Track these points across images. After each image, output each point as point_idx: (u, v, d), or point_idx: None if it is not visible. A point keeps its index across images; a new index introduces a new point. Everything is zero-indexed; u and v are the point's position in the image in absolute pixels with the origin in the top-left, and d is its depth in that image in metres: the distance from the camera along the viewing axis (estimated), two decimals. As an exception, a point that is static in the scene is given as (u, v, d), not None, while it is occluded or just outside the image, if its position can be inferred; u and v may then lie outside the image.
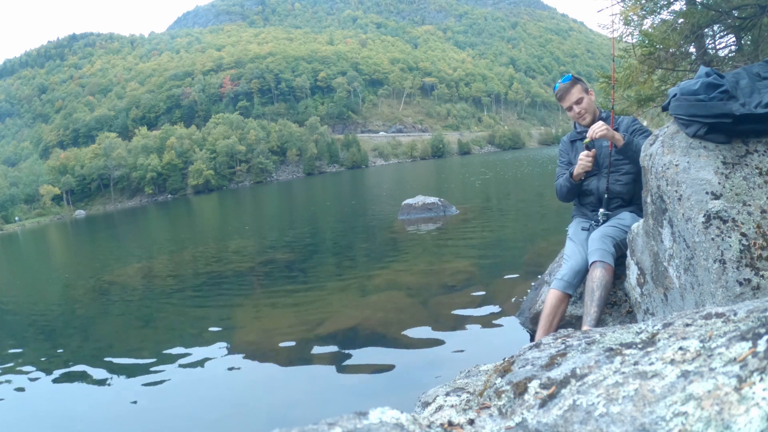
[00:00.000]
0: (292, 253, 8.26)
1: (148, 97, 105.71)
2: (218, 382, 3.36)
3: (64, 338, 5.18)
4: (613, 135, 2.52)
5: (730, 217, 1.63)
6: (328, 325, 4.12)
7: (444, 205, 10.20)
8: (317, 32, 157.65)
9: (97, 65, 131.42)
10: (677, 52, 5.75)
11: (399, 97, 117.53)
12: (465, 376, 1.71)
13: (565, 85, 2.74)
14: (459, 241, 7.23)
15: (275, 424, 1.18)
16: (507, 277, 4.82)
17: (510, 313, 3.74)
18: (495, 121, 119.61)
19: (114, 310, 6.13)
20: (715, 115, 1.70)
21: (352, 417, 0.78)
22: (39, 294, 8.64)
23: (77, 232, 29.36)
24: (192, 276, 7.58)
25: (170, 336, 4.74)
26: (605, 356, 0.97)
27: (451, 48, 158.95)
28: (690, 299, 1.79)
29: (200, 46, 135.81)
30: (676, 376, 0.78)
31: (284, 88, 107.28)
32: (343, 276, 6.10)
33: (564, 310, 2.56)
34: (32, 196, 70.32)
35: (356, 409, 0.82)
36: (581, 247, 2.64)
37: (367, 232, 9.92)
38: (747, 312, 0.91)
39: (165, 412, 3.07)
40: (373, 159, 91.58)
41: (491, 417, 0.99)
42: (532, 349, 1.21)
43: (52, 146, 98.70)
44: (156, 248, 12.67)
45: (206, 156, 77.13)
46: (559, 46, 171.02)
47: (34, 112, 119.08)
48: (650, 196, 2.00)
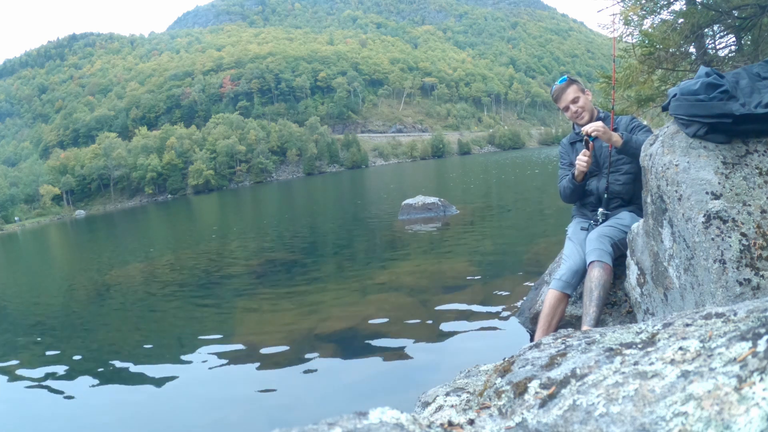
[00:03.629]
0: (292, 253, 8.26)
1: (148, 97, 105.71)
2: (218, 382, 3.36)
3: (64, 338, 5.18)
4: (609, 137, 2.52)
5: (730, 217, 1.63)
6: (328, 325, 4.12)
7: (444, 205, 10.20)
8: (317, 32, 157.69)
9: (97, 65, 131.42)
10: (677, 52, 5.76)
11: (399, 97, 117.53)
12: (465, 376, 1.71)
13: (560, 86, 2.77)
14: (459, 241, 7.23)
15: (275, 424, 1.18)
16: (507, 277, 4.82)
17: (510, 313, 3.74)
18: (495, 121, 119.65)
19: (114, 310, 6.12)
20: (715, 115, 1.70)
21: (352, 417, 0.78)
22: (39, 294, 8.64)
23: (77, 232, 29.35)
24: (192, 276, 7.57)
25: (170, 336, 4.74)
26: (605, 356, 0.97)
27: (451, 48, 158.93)
28: (690, 299, 1.79)
29: (200, 46, 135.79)
30: (676, 376, 0.78)
31: (284, 88, 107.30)
32: (343, 276, 6.10)
33: (563, 310, 2.56)
34: (32, 196, 70.32)
35: (356, 409, 0.82)
36: (580, 247, 2.64)
37: (367, 232, 9.92)
38: (747, 312, 0.91)
39: (165, 412, 3.07)
40: (373, 159, 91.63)
41: (491, 417, 0.99)
42: (532, 349, 1.21)
43: (52, 146, 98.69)
44: (156, 248, 12.67)
45: (206, 156, 77.17)
46: (559, 46, 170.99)
47: (34, 112, 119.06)
48: (650, 196, 2.00)
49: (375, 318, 4.11)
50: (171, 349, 4.18)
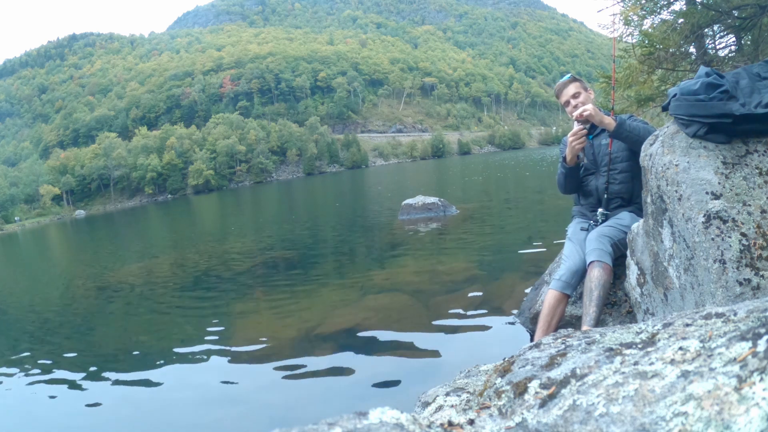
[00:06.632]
0: (291, 253, 8.26)
1: (148, 97, 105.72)
2: (218, 382, 3.35)
3: (64, 338, 5.18)
4: (601, 119, 2.53)
5: (730, 217, 1.63)
6: (328, 324, 4.12)
7: (444, 205, 10.20)
8: (317, 32, 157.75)
9: (97, 65, 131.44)
10: (677, 52, 5.76)
11: (399, 97, 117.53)
12: (465, 376, 1.71)
13: (563, 82, 2.81)
14: (459, 241, 7.23)
15: (275, 424, 1.18)
16: (507, 277, 4.82)
17: (510, 313, 3.74)
18: (495, 121, 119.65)
19: (114, 309, 6.12)
20: (715, 115, 1.70)
21: (352, 417, 0.78)
22: (39, 294, 8.64)
23: (77, 232, 29.35)
24: (192, 276, 7.57)
25: (170, 336, 4.74)
26: (605, 356, 0.97)
27: (451, 48, 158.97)
28: (690, 299, 1.79)
29: (200, 46, 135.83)
30: (676, 376, 0.78)
31: (284, 88, 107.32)
32: (343, 276, 6.10)
33: (563, 310, 2.56)
34: (32, 196, 70.34)
35: (356, 409, 0.82)
36: (579, 248, 2.65)
37: (367, 232, 9.92)
38: (747, 312, 0.91)
39: (165, 411, 3.07)
40: (373, 159, 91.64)
41: (491, 417, 0.99)
42: (532, 349, 1.21)
43: (52, 146, 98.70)
44: (156, 248, 12.66)
45: (206, 156, 77.19)
46: (559, 46, 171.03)
47: (34, 112, 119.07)
48: (650, 196, 2.00)
49: (375, 318, 4.11)
50: (171, 348, 4.18)
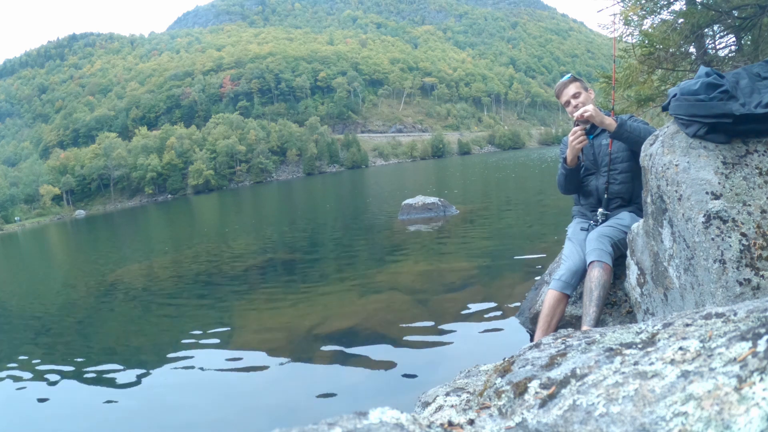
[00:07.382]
0: (291, 253, 8.26)
1: (148, 97, 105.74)
2: (218, 382, 3.35)
3: (64, 338, 5.18)
4: (602, 119, 2.53)
5: (730, 217, 1.63)
6: (328, 324, 4.12)
7: (444, 205, 10.20)
8: (317, 32, 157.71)
9: (97, 65, 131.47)
10: (677, 52, 5.76)
11: (399, 97, 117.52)
12: (465, 376, 1.71)
13: (563, 82, 2.82)
14: (459, 241, 7.23)
15: (275, 424, 1.18)
16: (507, 277, 4.82)
17: (510, 313, 3.74)
18: (495, 121, 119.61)
19: (114, 309, 6.12)
20: (715, 115, 1.70)
21: (352, 417, 0.78)
22: (39, 294, 8.64)
23: (77, 232, 29.35)
24: (192, 276, 7.57)
25: (170, 336, 4.74)
26: (605, 356, 0.97)
27: (451, 48, 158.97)
28: (690, 299, 1.79)
29: (200, 46, 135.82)
30: (676, 376, 0.78)
31: (284, 88, 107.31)
32: (343, 276, 6.10)
33: (562, 310, 2.56)
34: (32, 196, 70.34)
35: (356, 409, 0.82)
36: (579, 248, 2.65)
37: (367, 232, 9.92)
38: (747, 312, 0.91)
39: (165, 412, 3.07)
40: (373, 159, 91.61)
41: (491, 417, 0.99)
42: (532, 349, 1.21)
43: (52, 146, 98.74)
44: (156, 248, 12.66)
45: (206, 156, 77.18)
46: (559, 46, 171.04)
47: (34, 112, 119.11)
48: (650, 196, 2.00)
49: (375, 318, 4.11)
50: (171, 348, 4.18)
